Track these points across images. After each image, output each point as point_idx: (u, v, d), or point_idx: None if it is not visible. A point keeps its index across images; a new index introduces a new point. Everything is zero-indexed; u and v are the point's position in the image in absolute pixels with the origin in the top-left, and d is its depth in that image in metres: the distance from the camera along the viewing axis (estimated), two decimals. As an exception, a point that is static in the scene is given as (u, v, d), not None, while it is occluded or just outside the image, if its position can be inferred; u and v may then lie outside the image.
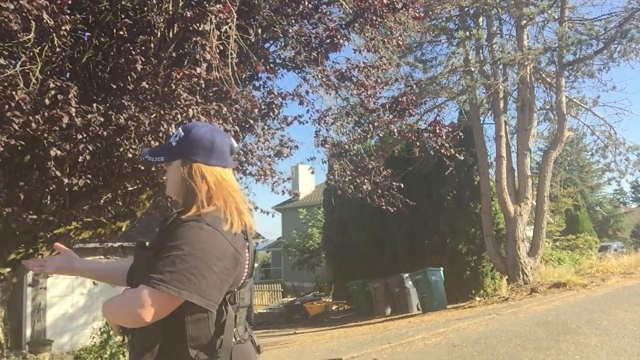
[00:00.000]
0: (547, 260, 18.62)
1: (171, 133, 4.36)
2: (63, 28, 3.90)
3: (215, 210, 1.57)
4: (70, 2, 4.15)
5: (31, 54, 4.01)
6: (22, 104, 3.78)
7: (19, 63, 3.90)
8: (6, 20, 3.57)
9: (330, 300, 18.48)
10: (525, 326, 8.65)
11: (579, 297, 11.71)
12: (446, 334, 8.97)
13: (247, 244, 1.64)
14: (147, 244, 1.64)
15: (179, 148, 1.68)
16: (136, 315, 1.43)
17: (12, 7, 3.59)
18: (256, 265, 1.76)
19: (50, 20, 3.85)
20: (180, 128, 1.75)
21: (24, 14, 3.71)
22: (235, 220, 1.58)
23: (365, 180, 7.86)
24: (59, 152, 4.16)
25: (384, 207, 8.03)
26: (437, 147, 7.84)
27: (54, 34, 3.93)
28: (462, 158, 8.61)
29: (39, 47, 4.03)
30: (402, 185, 8.03)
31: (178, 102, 4.41)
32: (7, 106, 3.75)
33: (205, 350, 1.50)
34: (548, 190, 15.98)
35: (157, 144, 4.55)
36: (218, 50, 4.65)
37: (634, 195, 51.23)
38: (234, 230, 1.57)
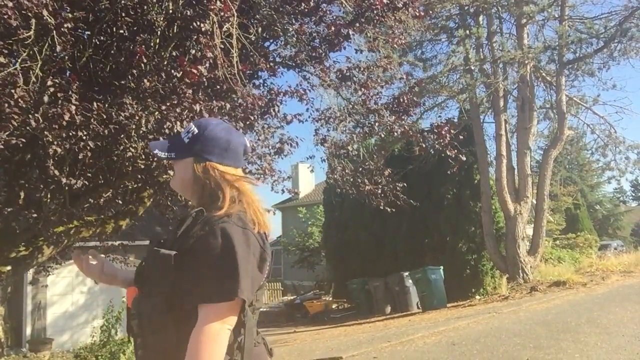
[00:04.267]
0: (547, 259, 18.65)
1: (176, 131, 4.35)
2: (65, 25, 3.89)
3: (238, 210, 1.54)
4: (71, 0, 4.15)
5: (31, 52, 4.00)
6: (22, 101, 3.77)
7: (19, 60, 3.90)
8: (5, 16, 3.56)
9: (330, 298, 18.49)
10: (525, 325, 8.66)
11: (578, 296, 11.73)
12: (446, 333, 8.98)
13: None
14: (162, 240, 1.60)
15: (192, 145, 1.64)
16: (225, 334, 1.42)
17: (10, 4, 3.58)
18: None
19: (50, 18, 3.84)
20: (192, 124, 1.71)
21: (23, 11, 3.70)
22: (260, 220, 1.56)
23: (366, 181, 7.85)
24: (58, 150, 4.16)
25: (382, 208, 8.00)
26: (441, 149, 7.82)
27: (55, 32, 3.93)
28: (465, 159, 8.59)
29: (39, 45, 4.03)
30: (405, 185, 8.02)
31: (182, 102, 4.41)
32: (6, 104, 3.74)
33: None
34: (548, 188, 15.99)
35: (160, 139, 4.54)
36: (221, 48, 4.64)
37: (634, 194, 51.20)
38: (259, 230, 1.55)
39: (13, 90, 3.74)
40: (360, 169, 8.12)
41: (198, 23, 4.56)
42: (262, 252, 1.53)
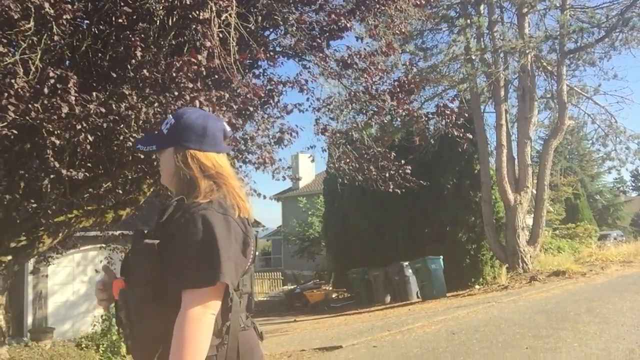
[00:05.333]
0: (547, 249, 18.68)
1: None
2: (64, 17, 3.86)
3: (219, 196, 1.56)
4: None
5: (30, 42, 3.98)
6: (22, 92, 3.76)
7: (19, 51, 3.88)
8: (6, 9, 3.54)
9: (330, 288, 18.56)
10: (524, 314, 8.69)
11: (578, 286, 11.77)
12: (445, 322, 9.02)
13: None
14: (146, 232, 1.61)
15: (171, 135, 1.66)
16: (209, 318, 1.43)
17: None
18: (257, 253, 1.75)
19: (50, 9, 3.82)
20: (170, 115, 1.73)
21: (25, 4, 3.69)
22: (241, 206, 1.58)
23: (372, 167, 7.80)
24: (57, 141, 4.16)
25: (392, 190, 7.91)
26: (447, 129, 7.79)
27: (54, 23, 3.90)
28: (471, 136, 8.54)
29: (38, 36, 4.00)
30: (409, 170, 7.95)
31: (182, 93, 4.39)
32: (6, 94, 3.73)
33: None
34: (548, 178, 15.99)
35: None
36: (219, 37, 4.62)
37: (634, 184, 51.15)
38: (240, 215, 1.57)
39: (13, 81, 3.72)
40: (366, 155, 8.06)
41: (197, 12, 4.54)
42: (244, 237, 1.55)
